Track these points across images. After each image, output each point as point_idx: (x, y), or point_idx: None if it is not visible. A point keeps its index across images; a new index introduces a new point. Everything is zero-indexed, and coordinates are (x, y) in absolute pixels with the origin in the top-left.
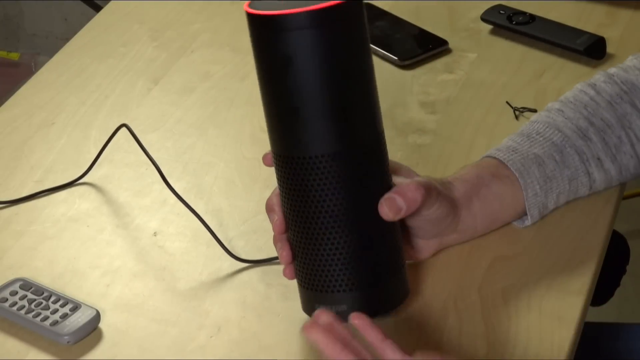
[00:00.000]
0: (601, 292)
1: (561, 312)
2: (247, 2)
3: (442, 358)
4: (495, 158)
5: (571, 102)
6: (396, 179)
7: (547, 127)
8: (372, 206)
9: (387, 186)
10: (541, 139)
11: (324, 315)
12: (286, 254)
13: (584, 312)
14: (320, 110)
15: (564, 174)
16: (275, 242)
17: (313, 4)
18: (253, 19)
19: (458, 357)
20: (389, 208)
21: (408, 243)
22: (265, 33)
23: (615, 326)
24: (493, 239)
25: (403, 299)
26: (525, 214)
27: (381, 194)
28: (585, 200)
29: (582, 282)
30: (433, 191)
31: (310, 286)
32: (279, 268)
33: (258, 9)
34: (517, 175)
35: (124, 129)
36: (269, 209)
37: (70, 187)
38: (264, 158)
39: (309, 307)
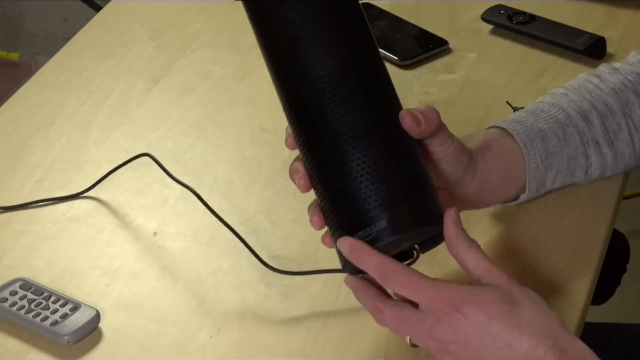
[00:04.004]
0: (602, 290)
1: (561, 312)
2: None
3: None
4: (500, 127)
5: (575, 88)
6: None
7: (552, 106)
8: (388, 119)
9: (397, 103)
10: (545, 115)
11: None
12: (317, 218)
13: (584, 312)
14: (319, 31)
15: (564, 152)
16: (309, 210)
17: None
18: None
19: None
20: (410, 119)
21: None
22: None
23: (615, 326)
24: (493, 238)
25: (439, 221)
26: (523, 191)
27: (393, 109)
28: (585, 200)
29: (582, 282)
30: (444, 126)
31: (348, 220)
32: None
33: None
34: (521, 145)
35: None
36: (292, 171)
37: (74, 199)
38: (286, 142)
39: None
